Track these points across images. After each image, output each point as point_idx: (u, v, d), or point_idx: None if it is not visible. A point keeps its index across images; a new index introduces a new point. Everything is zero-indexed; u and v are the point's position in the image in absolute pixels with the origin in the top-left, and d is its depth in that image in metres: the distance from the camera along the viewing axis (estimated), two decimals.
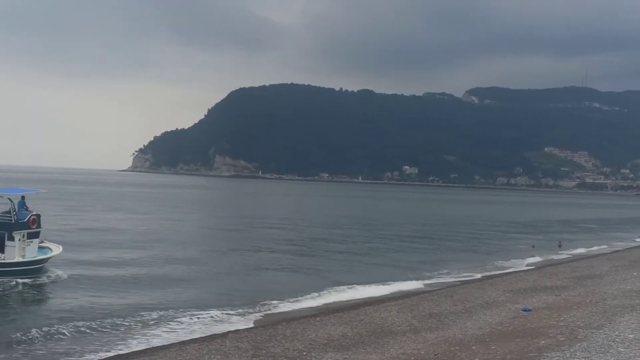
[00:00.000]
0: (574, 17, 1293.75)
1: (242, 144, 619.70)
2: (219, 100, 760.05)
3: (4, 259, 40.84)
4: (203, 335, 29.82)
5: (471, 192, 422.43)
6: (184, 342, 27.96)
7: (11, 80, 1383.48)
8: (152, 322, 32.22)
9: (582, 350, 20.31)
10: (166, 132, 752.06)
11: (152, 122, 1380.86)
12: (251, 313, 35.27)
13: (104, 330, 30.12)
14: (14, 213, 42.55)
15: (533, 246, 79.57)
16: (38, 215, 44.24)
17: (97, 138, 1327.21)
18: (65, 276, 42.82)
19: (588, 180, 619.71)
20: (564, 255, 70.33)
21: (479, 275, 52.08)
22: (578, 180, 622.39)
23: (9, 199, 43.35)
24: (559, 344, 21.87)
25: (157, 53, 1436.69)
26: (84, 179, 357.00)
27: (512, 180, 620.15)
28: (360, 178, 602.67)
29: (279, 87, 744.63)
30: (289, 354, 24.67)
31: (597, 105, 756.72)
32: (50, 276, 42.48)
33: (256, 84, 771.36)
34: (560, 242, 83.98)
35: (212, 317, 34.05)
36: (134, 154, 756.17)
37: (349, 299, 40.28)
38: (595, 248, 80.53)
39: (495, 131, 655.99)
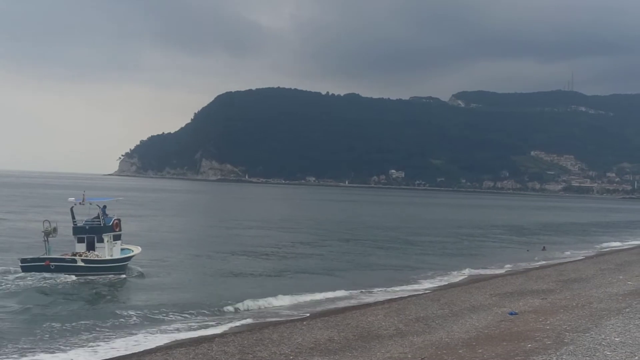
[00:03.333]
0: (560, 21, 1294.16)
1: (228, 148, 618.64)
2: (205, 104, 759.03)
3: (96, 257, 47.57)
4: (189, 339, 29.80)
5: (458, 196, 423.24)
6: (170, 347, 27.92)
7: None
8: (135, 326, 32.35)
9: (569, 354, 20.35)
10: (152, 136, 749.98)
11: (139, 126, 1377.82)
12: (237, 317, 35.35)
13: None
14: (103, 218, 49.45)
15: (543, 248, 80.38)
16: (119, 220, 51.04)
17: (82, 142, 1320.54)
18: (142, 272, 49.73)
19: (574, 183, 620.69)
20: (546, 259, 70.32)
21: (466, 279, 52.20)
22: (564, 183, 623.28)
23: (98, 205, 50.77)
24: (546, 348, 21.91)
25: (144, 56, 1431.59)
26: (71, 183, 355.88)
27: (499, 184, 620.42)
28: (347, 182, 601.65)
29: (265, 91, 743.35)
30: (276, 358, 24.67)
31: (583, 109, 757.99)
32: (133, 273, 49.20)
33: (243, 88, 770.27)
34: (544, 246, 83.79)
35: (197, 321, 34.10)
36: (120, 158, 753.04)
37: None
38: (582, 252, 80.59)
39: (481, 135, 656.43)
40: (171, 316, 34.88)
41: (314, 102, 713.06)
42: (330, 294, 43.08)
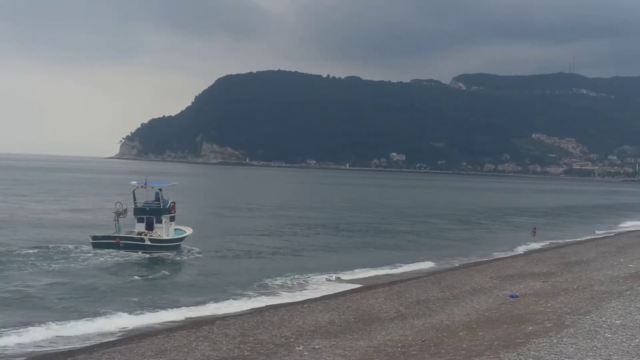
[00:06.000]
0: (561, 4, 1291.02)
1: (229, 131, 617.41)
2: (206, 88, 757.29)
3: (159, 236, 50.99)
4: (190, 320, 29.88)
5: (459, 179, 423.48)
6: (171, 329, 27.97)
7: None
8: (137, 307, 32.51)
9: (569, 337, 20.31)
10: (153, 120, 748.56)
11: (139, 109, 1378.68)
12: (242, 299, 35.77)
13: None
14: (162, 200, 52.91)
15: (534, 231, 79.11)
16: (174, 202, 54.78)
17: (83, 125, 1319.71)
18: (198, 250, 52.99)
19: (575, 166, 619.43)
20: (543, 243, 70.00)
21: (465, 262, 52.25)
22: (565, 166, 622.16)
23: (160, 189, 54.43)
24: (546, 330, 21.87)
25: (144, 40, 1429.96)
26: (73, 166, 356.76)
27: (500, 167, 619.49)
28: (347, 165, 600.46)
29: (266, 74, 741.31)
30: (277, 341, 24.68)
31: (584, 91, 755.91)
32: (185, 251, 52.51)
33: (243, 71, 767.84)
34: (534, 229, 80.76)
35: (199, 302, 34.28)
36: (120, 141, 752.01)
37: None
38: (583, 234, 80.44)
39: (482, 118, 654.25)
40: (172, 297, 35.14)
41: (314, 85, 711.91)
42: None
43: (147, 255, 48.38)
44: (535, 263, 47.11)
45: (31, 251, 47.11)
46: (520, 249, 62.81)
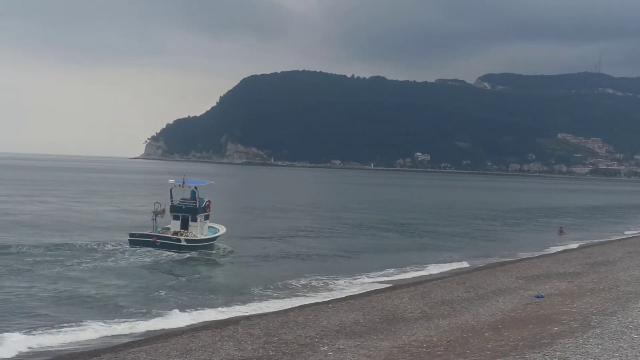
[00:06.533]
0: (587, 3, 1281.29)
1: (253, 131, 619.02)
2: (230, 88, 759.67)
3: (194, 236, 51.85)
4: (216, 320, 30.00)
5: (484, 179, 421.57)
6: (196, 329, 28.09)
7: (18, 69, 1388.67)
8: (163, 307, 32.61)
9: (595, 337, 20.23)
10: (178, 120, 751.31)
11: (164, 110, 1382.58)
12: (267, 298, 35.99)
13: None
14: (198, 199, 53.79)
15: (560, 230, 78.87)
16: (210, 201, 55.52)
17: (108, 126, 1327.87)
18: (231, 249, 53.92)
19: (601, 166, 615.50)
20: (570, 242, 69.68)
21: (490, 262, 52.09)
22: (591, 166, 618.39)
23: (196, 187, 55.17)
24: (572, 331, 21.80)
25: (169, 40, 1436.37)
26: (101, 167, 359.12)
27: (525, 167, 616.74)
28: (372, 165, 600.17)
29: (290, 74, 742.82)
30: (301, 341, 24.71)
31: (610, 91, 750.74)
32: (219, 250, 53.55)
33: (268, 71, 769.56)
34: (561, 228, 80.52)
35: (226, 302, 34.48)
36: (146, 141, 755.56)
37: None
38: (609, 235, 79.90)
39: (507, 117, 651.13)
40: (196, 298, 35.24)
41: (339, 85, 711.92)
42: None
43: (182, 255, 48.92)
44: (561, 263, 46.88)
45: (78, 248, 49.14)
46: (547, 249, 62.52)
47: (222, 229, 56.35)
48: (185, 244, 50.24)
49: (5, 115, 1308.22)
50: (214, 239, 54.19)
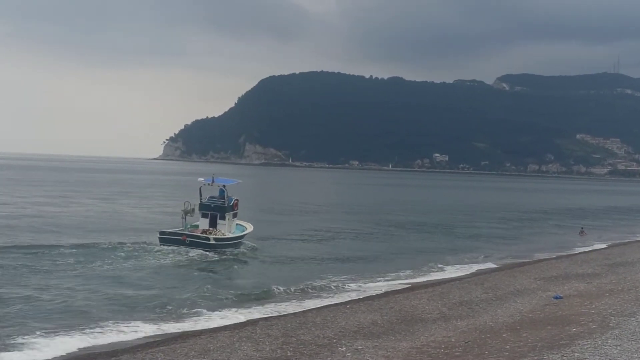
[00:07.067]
0: (605, 3, 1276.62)
1: (272, 132, 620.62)
2: (249, 89, 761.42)
3: (223, 235, 52.47)
4: (234, 322, 30.08)
5: (502, 180, 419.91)
6: (214, 329, 28.20)
7: (39, 70, 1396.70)
8: (185, 307, 32.65)
9: (614, 338, 20.21)
10: (197, 121, 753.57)
11: (183, 111, 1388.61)
12: (286, 299, 36.07)
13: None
14: (227, 198, 54.54)
15: (582, 231, 78.57)
16: (238, 200, 56.41)
17: (127, 126, 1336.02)
18: (258, 247, 54.60)
19: (620, 167, 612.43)
20: (595, 244, 69.40)
21: (509, 263, 51.97)
22: (610, 167, 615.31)
23: (224, 185, 55.94)
24: (591, 332, 21.78)
25: (188, 42, 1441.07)
26: (121, 167, 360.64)
27: (544, 168, 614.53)
28: (390, 166, 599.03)
29: (309, 75, 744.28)
30: (319, 341, 24.76)
31: (629, 91, 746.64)
32: (248, 248, 53.99)
33: (286, 72, 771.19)
34: (582, 229, 79.93)
35: (246, 302, 34.73)
36: (164, 142, 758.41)
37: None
38: (627, 236, 79.47)
39: (525, 118, 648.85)
40: (217, 298, 35.30)
41: (357, 86, 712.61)
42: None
43: (210, 254, 49.26)
44: (580, 264, 46.70)
45: (105, 247, 49.87)
46: (569, 250, 62.29)
47: (249, 227, 56.77)
48: (213, 242, 50.71)
49: (26, 116, 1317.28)
50: (242, 237, 54.69)
